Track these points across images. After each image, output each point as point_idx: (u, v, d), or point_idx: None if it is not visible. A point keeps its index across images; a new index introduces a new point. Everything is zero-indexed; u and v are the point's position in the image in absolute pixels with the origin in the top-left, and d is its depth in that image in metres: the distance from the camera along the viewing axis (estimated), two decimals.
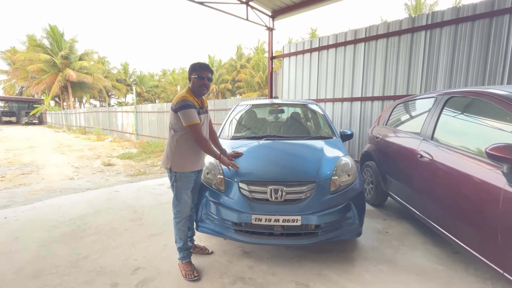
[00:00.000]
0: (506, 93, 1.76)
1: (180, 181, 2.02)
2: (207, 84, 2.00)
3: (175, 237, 2.09)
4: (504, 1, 3.67)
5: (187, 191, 2.04)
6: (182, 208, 2.05)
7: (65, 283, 1.93)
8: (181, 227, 2.07)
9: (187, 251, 2.09)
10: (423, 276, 1.99)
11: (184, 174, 2.01)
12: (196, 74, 1.97)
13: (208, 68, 2.01)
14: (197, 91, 2.01)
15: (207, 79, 1.99)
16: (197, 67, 2.00)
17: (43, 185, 4.90)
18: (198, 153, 2.06)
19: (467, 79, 4.03)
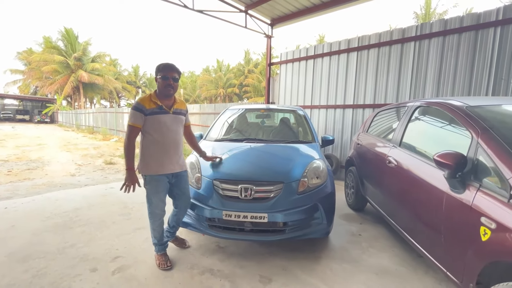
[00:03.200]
0: (460, 104, 1.88)
1: (150, 185, 2.03)
2: (172, 84, 1.97)
3: (151, 233, 2.17)
4: (489, 15, 3.77)
5: (158, 194, 2.04)
6: (153, 210, 2.07)
7: (50, 266, 2.12)
8: (155, 228, 2.12)
9: (162, 246, 2.18)
10: (383, 275, 2.09)
11: (153, 178, 2.01)
12: (161, 74, 1.95)
13: (173, 68, 1.98)
14: (163, 91, 1.98)
15: (172, 79, 1.96)
16: (161, 67, 1.97)
17: (46, 180, 5.16)
18: (166, 156, 2.02)
19: (453, 89, 4.11)
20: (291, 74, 6.38)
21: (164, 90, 1.97)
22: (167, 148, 2.02)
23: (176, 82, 1.99)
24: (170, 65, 1.98)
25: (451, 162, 1.52)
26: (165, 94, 1.99)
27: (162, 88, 1.97)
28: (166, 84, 1.95)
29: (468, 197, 1.47)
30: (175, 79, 1.98)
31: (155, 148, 1.99)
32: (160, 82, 1.96)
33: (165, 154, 2.02)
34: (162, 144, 2.00)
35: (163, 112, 1.98)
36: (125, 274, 2.05)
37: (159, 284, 1.93)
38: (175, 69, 1.98)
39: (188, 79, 41.93)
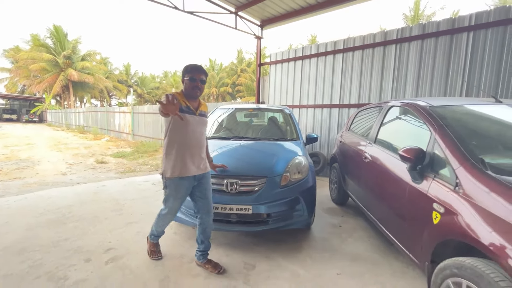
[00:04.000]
0: (425, 104, 2.08)
1: (170, 188, 1.97)
2: (200, 86, 1.95)
3: (153, 227, 2.19)
4: (462, 20, 4.02)
5: (177, 198, 1.99)
6: (166, 213, 2.07)
7: (45, 258, 2.23)
8: (161, 225, 2.16)
9: (158, 236, 2.25)
10: (357, 261, 2.28)
11: (174, 181, 1.94)
12: (189, 76, 1.92)
13: (201, 70, 1.96)
14: (190, 93, 1.95)
15: (200, 81, 1.94)
16: (189, 69, 1.94)
17: (37, 179, 5.20)
18: (190, 158, 1.95)
19: (431, 89, 4.36)
20: (281, 75, 6.56)
21: (192, 92, 1.94)
22: (192, 150, 1.97)
23: (203, 84, 1.97)
24: (198, 66, 1.96)
25: (412, 156, 1.72)
26: (192, 95, 1.97)
27: (190, 89, 1.94)
28: (193, 86, 1.93)
29: (425, 187, 1.66)
30: (203, 81, 1.96)
31: (179, 150, 1.93)
32: (188, 83, 1.93)
33: (189, 156, 1.96)
34: (187, 146, 1.94)
35: (190, 113, 1.94)
36: (118, 263, 2.18)
37: (150, 272, 2.07)
38: (203, 71, 1.97)
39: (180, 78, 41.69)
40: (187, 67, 1.95)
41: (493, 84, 3.82)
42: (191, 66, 1.95)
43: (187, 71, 1.94)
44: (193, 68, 1.94)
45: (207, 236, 2.13)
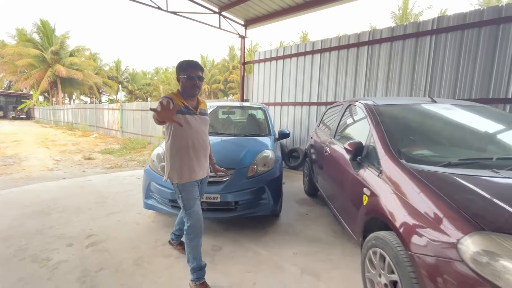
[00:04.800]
0: (371, 103, 2.35)
1: (185, 191, 1.82)
2: (198, 84, 1.80)
3: (187, 256, 1.84)
4: (426, 24, 4.33)
5: (196, 200, 1.85)
6: (194, 223, 1.81)
7: (30, 243, 2.43)
8: (194, 245, 1.82)
9: (201, 271, 1.85)
10: (314, 243, 2.57)
11: (185, 185, 1.82)
12: (185, 74, 1.76)
13: (197, 66, 1.80)
14: (188, 92, 1.81)
15: (198, 78, 1.79)
16: (185, 66, 1.78)
17: (23, 174, 5.33)
18: (197, 161, 1.85)
19: (399, 89, 4.68)
20: (264, 73, 6.80)
21: (190, 91, 1.80)
22: (198, 153, 1.85)
23: (201, 81, 1.82)
24: (194, 62, 1.80)
25: (352, 148, 1.99)
26: (191, 94, 1.83)
27: (188, 88, 1.79)
28: (192, 85, 1.78)
29: (361, 174, 1.94)
30: (201, 77, 1.81)
31: (185, 154, 1.80)
32: (185, 82, 1.78)
33: (196, 160, 1.84)
34: (192, 149, 1.81)
35: (191, 113, 1.82)
36: (98, 247, 2.41)
37: (126, 253, 2.30)
38: (199, 67, 1.81)
39: (172, 75, 41.47)
40: (182, 64, 1.80)
41: (452, 84, 4.15)
42: (187, 62, 1.80)
43: (182, 68, 1.79)
44: (189, 65, 1.78)
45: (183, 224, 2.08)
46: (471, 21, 3.93)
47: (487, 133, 1.98)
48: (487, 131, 2.01)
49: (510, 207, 1.10)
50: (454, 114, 2.15)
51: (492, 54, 3.83)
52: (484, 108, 2.26)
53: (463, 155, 1.63)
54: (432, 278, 1.12)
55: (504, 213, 1.09)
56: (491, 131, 2.01)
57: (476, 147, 1.80)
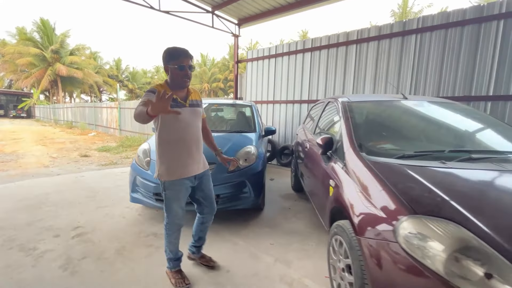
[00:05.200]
0: (345, 100, 2.44)
1: (170, 190, 1.76)
2: (189, 74, 1.66)
3: (165, 247, 1.88)
4: (411, 23, 4.40)
5: (179, 201, 1.79)
6: (172, 220, 1.81)
7: (19, 234, 2.54)
8: (172, 240, 1.85)
9: (177, 261, 1.93)
10: (291, 234, 2.67)
11: (174, 182, 1.74)
12: (176, 63, 1.61)
13: (188, 54, 1.64)
14: (178, 83, 1.67)
15: (189, 68, 1.65)
16: (175, 54, 1.63)
17: (19, 171, 5.44)
18: (188, 156, 1.75)
19: (386, 86, 4.75)
20: (256, 72, 6.88)
21: (181, 81, 1.66)
22: (189, 147, 1.74)
23: (192, 71, 1.68)
24: (184, 50, 1.64)
25: (323, 143, 2.09)
26: (181, 85, 1.69)
27: (179, 79, 1.65)
28: (183, 75, 1.64)
29: (330, 167, 2.04)
30: (191, 67, 1.67)
31: (175, 149, 1.71)
32: (175, 72, 1.63)
33: (187, 154, 1.74)
34: (183, 143, 1.72)
35: (179, 106, 1.67)
36: (83, 238, 2.52)
37: (110, 243, 2.41)
38: (190, 55, 1.66)
39: None
40: (170, 52, 1.64)
41: (436, 82, 4.23)
42: (177, 50, 1.64)
43: (172, 57, 1.63)
44: (180, 53, 1.63)
45: (205, 233, 2.06)
46: (454, 20, 4.00)
47: (448, 127, 2.07)
48: (449, 125, 2.10)
49: (442, 193, 1.19)
50: (421, 110, 2.24)
51: (474, 52, 3.90)
52: (452, 104, 2.34)
53: (420, 148, 1.71)
54: (374, 259, 1.22)
55: (436, 198, 1.18)
56: (452, 126, 2.09)
57: (435, 141, 1.89)
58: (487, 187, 1.31)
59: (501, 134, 1.91)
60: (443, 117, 2.17)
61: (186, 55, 1.65)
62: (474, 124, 2.09)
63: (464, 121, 2.13)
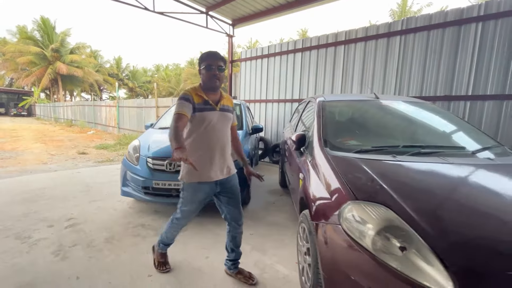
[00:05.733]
0: (322, 99, 2.60)
1: (187, 192, 1.76)
2: (218, 74, 1.68)
3: (164, 233, 1.96)
4: (396, 25, 4.55)
5: (193, 204, 1.80)
6: (180, 218, 1.87)
7: (15, 224, 2.71)
8: (173, 232, 1.95)
9: (167, 246, 2.03)
10: (272, 226, 2.83)
11: (191, 185, 1.73)
12: (204, 64, 1.67)
13: (217, 56, 1.70)
14: (208, 84, 1.70)
15: (218, 69, 1.68)
16: (204, 56, 1.70)
17: (18, 167, 5.62)
18: (210, 161, 1.71)
19: (372, 86, 4.90)
20: (250, 71, 7.03)
21: (210, 82, 1.69)
22: (213, 152, 1.72)
23: (222, 72, 1.71)
24: (213, 52, 1.71)
25: (296, 139, 2.25)
26: (211, 86, 1.71)
27: (207, 80, 1.69)
28: (211, 75, 1.67)
29: (302, 162, 2.19)
30: (221, 68, 1.70)
31: (198, 152, 1.69)
32: (204, 73, 1.69)
33: (209, 159, 1.71)
34: (206, 147, 1.70)
35: (210, 109, 1.69)
36: (75, 228, 2.68)
37: (100, 233, 2.58)
38: (219, 57, 1.70)
39: (172, 72, 41.73)
40: (201, 56, 1.72)
41: (419, 82, 4.37)
42: (206, 53, 1.71)
43: (202, 59, 1.70)
44: (208, 55, 1.69)
45: (236, 245, 1.96)
46: (436, 22, 4.14)
47: (410, 125, 2.23)
48: (411, 123, 2.25)
49: (382, 182, 1.34)
50: (388, 109, 2.39)
51: (454, 53, 4.04)
52: (419, 103, 2.50)
53: (380, 144, 1.86)
54: (323, 240, 1.37)
55: (376, 186, 1.33)
56: (414, 124, 2.25)
57: (396, 137, 2.04)
58: (422, 177, 1.47)
59: (458, 132, 2.07)
60: (408, 115, 2.32)
61: (214, 57, 1.69)
62: (435, 122, 2.24)
63: (426, 119, 2.28)
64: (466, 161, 1.57)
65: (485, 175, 1.48)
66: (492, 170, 1.51)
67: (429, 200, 1.27)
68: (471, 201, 1.26)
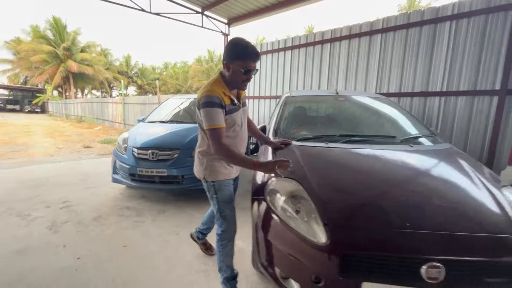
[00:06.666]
0: (288, 94, 2.85)
1: (221, 192, 1.65)
2: (251, 78, 1.54)
3: (220, 264, 1.70)
4: (377, 24, 4.71)
5: (231, 203, 1.72)
6: (228, 226, 1.68)
7: (17, 206, 3.10)
8: (228, 252, 1.68)
9: (234, 281, 1.71)
10: (245, 210, 3.10)
11: (223, 184, 1.65)
12: (241, 64, 1.44)
13: (257, 57, 1.49)
14: (237, 85, 1.54)
15: (254, 72, 1.52)
16: (243, 53, 1.44)
17: (27, 159, 6.09)
18: None
19: (356, 83, 5.09)
20: None
21: (240, 85, 1.55)
22: (239, 149, 1.67)
23: (254, 74, 1.56)
24: (255, 52, 1.47)
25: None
26: (239, 87, 1.58)
27: (239, 82, 1.52)
28: (245, 79, 1.50)
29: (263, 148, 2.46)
30: (256, 71, 1.54)
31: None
32: (238, 74, 1.47)
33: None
34: (234, 146, 1.61)
35: (237, 109, 1.59)
36: (69, 209, 3.04)
37: (90, 213, 2.93)
38: (258, 57, 1.51)
39: (180, 69, 42.36)
40: (238, 48, 1.45)
41: (398, 79, 4.54)
42: (247, 49, 1.44)
43: (238, 54, 1.45)
44: (249, 55, 1.45)
45: (213, 223, 2.07)
46: (414, 21, 4.30)
47: (357, 117, 2.46)
48: (358, 115, 2.48)
49: (303, 163, 1.60)
50: (341, 103, 2.62)
51: (431, 51, 4.19)
52: (375, 98, 2.71)
53: (321, 133, 2.11)
54: (256, 212, 1.65)
55: (298, 166, 1.59)
56: (361, 116, 2.47)
57: (340, 128, 2.28)
58: (337, 159, 1.72)
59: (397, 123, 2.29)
60: (357, 109, 2.55)
61: (254, 58, 1.48)
62: (380, 115, 2.45)
63: (373, 112, 2.50)
64: (385, 147, 1.80)
65: (390, 158, 1.71)
66: (400, 154, 1.74)
67: (332, 176, 1.53)
68: (365, 177, 1.51)
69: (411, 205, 1.29)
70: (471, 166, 1.58)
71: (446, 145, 1.95)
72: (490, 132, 3.71)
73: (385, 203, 1.31)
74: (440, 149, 1.85)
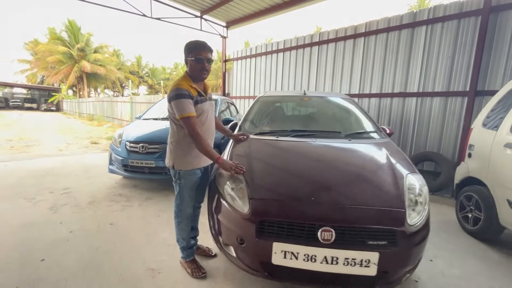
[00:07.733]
0: (261, 95, 3.16)
1: (184, 179, 1.80)
2: (207, 67, 1.68)
3: (177, 236, 1.92)
4: (361, 28, 4.94)
5: (191, 190, 1.85)
6: (184, 208, 1.87)
7: (25, 190, 3.54)
8: (183, 227, 1.89)
9: (190, 249, 1.95)
10: None
11: (188, 172, 1.79)
12: (193, 55, 1.65)
13: (206, 47, 1.67)
14: (197, 76, 1.70)
15: (207, 61, 1.67)
16: (192, 46, 1.66)
17: (38, 153, 6.63)
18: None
19: (341, 84, 5.33)
20: (240, 70, 7.63)
21: (199, 74, 1.69)
22: (209, 139, 1.81)
23: (210, 64, 1.71)
24: (202, 43, 1.67)
25: (229, 127, 2.83)
26: (200, 78, 1.72)
27: (197, 72, 1.68)
28: (201, 68, 1.67)
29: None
30: (210, 60, 1.69)
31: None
32: (193, 65, 1.67)
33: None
34: (206, 136, 1.74)
35: (204, 100, 1.75)
36: (69, 195, 3.46)
37: (86, 198, 3.33)
38: (209, 48, 1.68)
39: None
40: (190, 45, 1.69)
41: (379, 80, 4.76)
42: (195, 43, 1.68)
43: (190, 49, 1.68)
44: (197, 46, 1.67)
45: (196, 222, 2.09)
46: (393, 25, 4.51)
47: (313, 114, 2.74)
48: (315, 113, 2.76)
49: (250, 151, 1.91)
50: (305, 102, 2.90)
51: (409, 54, 4.41)
52: (338, 97, 2.98)
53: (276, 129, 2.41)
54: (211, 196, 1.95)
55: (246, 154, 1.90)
56: (317, 113, 2.75)
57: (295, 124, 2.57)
58: (277, 149, 2.01)
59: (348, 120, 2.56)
60: (316, 107, 2.83)
61: (204, 48, 1.66)
62: (336, 113, 2.72)
63: (330, 110, 2.78)
64: (326, 141, 2.08)
65: (322, 148, 2.00)
66: (334, 146, 2.03)
67: (268, 162, 1.83)
68: (293, 163, 1.81)
69: (321, 184, 1.59)
70: (391, 155, 1.84)
71: (385, 140, 2.21)
72: (461, 132, 3.90)
73: (300, 182, 1.61)
74: (374, 142, 2.12)
